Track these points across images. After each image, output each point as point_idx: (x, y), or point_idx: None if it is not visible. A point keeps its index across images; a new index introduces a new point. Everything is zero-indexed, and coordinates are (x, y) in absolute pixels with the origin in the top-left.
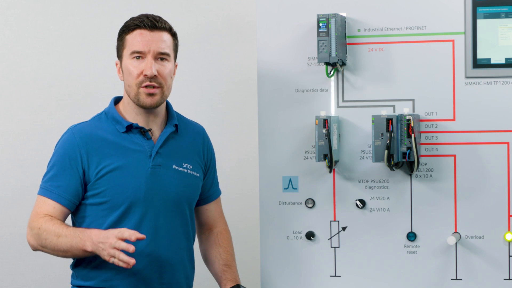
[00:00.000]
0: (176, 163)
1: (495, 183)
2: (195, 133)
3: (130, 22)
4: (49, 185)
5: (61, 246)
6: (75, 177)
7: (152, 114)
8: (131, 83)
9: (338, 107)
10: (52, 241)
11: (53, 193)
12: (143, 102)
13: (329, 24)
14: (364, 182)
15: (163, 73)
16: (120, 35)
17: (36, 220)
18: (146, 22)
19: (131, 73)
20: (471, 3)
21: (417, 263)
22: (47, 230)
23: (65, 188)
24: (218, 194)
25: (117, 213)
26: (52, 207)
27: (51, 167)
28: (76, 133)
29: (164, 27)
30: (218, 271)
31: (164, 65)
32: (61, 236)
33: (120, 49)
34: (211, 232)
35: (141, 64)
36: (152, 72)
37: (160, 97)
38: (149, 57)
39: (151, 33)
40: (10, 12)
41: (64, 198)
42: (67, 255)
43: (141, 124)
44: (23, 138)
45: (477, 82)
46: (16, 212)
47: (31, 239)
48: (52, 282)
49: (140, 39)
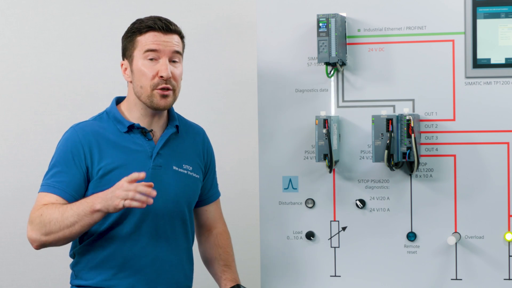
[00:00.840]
0: (176, 164)
1: (495, 183)
2: (196, 134)
3: (142, 24)
4: (52, 181)
5: (67, 221)
6: (79, 173)
7: (157, 115)
8: (145, 84)
9: (338, 107)
10: (57, 221)
11: (56, 188)
12: (157, 104)
13: (329, 24)
14: (364, 182)
15: (176, 75)
16: (130, 36)
17: (36, 211)
18: (160, 25)
19: (145, 74)
20: (471, 3)
21: (417, 263)
22: (50, 212)
23: (68, 183)
24: (218, 196)
25: (116, 213)
26: (54, 200)
27: (53, 164)
28: (78, 131)
29: (176, 30)
30: (218, 271)
31: (177, 67)
32: (67, 210)
33: (129, 50)
34: (211, 233)
35: (156, 65)
36: (168, 73)
37: (172, 99)
38: (164, 58)
39: (165, 35)
40: (10, 12)
41: (66, 193)
42: (74, 230)
43: (143, 124)
44: (23, 138)
45: (477, 82)
46: (16, 212)
47: (33, 233)
48: (52, 282)
49: (155, 39)
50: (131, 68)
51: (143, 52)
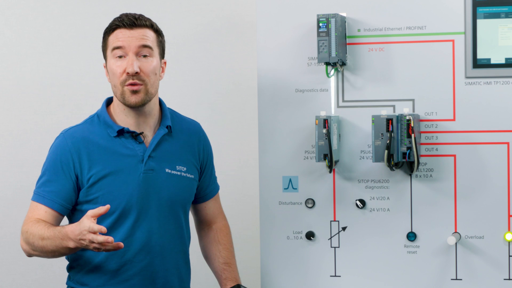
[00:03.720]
0: (169, 166)
1: (495, 183)
2: (190, 132)
3: (111, 23)
4: (42, 190)
5: (47, 248)
6: (68, 182)
7: (142, 115)
8: (116, 82)
9: (338, 107)
10: (39, 244)
11: (45, 198)
12: (128, 100)
13: (329, 24)
14: (364, 182)
15: (145, 70)
16: (103, 38)
17: (26, 225)
18: (125, 21)
19: (115, 72)
20: (471, 3)
21: (417, 263)
22: (33, 233)
23: (57, 193)
24: (217, 191)
25: (110, 220)
26: (43, 212)
27: (43, 172)
28: (68, 138)
29: (144, 24)
30: (218, 270)
31: (147, 61)
32: (44, 238)
33: (104, 52)
34: (210, 228)
35: (124, 62)
36: (133, 69)
37: (144, 94)
38: (130, 55)
39: (131, 30)
40: (10, 12)
41: (56, 203)
42: (57, 255)
43: (132, 126)
44: (23, 138)
45: (477, 82)
46: (16, 212)
47: (23, 244)
48: (52, 282)
49: (120, 36)
50: (107, 69)
51: (111, 51)
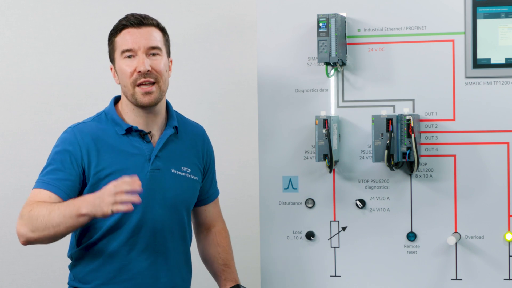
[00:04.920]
0: (174, 166)
1: (495, 183)
2: (195, 134)
3: (117, 24)
4: (47, 178)
5: (53, 220)
6: (75, 173)
7: (152, 114)
8: (126, 82)
9: (338, 107)
10: (43, 218)
11: (50, 185)
12: (140, 101)
13: (329, 24)
14: (364, 182)
15: (157, 67)
16: (110, 39)
17: (27, 206)
18: (132, 21)
19: (125, 73)
20: (471, 3)
21: (417, 263)
22: (39, 208)
23: (63, 181)
24: (217, 195)
25: (114, 218)
26: (47, 197)
27: (49, 162)
28: (77, 132)
29: (151, 23)
30: (217, 271)
31: (157, 59)
32: (54, 210)
33: (111, 53)
34: (209, 231)
35: (133, 62)
36: (145, 67)
37: (158, 93)
38: (140, 54)
39: (139, 30)
40: (10, 12)
41: (60, 190)
42: (59, 230)
43: (140, 125)
44: (23, 138)
45: (477, 82)
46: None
47: (21, 228)
48: (52, 282)
49: (128, 37)
50: (116, 70)
51: (121, 53)
